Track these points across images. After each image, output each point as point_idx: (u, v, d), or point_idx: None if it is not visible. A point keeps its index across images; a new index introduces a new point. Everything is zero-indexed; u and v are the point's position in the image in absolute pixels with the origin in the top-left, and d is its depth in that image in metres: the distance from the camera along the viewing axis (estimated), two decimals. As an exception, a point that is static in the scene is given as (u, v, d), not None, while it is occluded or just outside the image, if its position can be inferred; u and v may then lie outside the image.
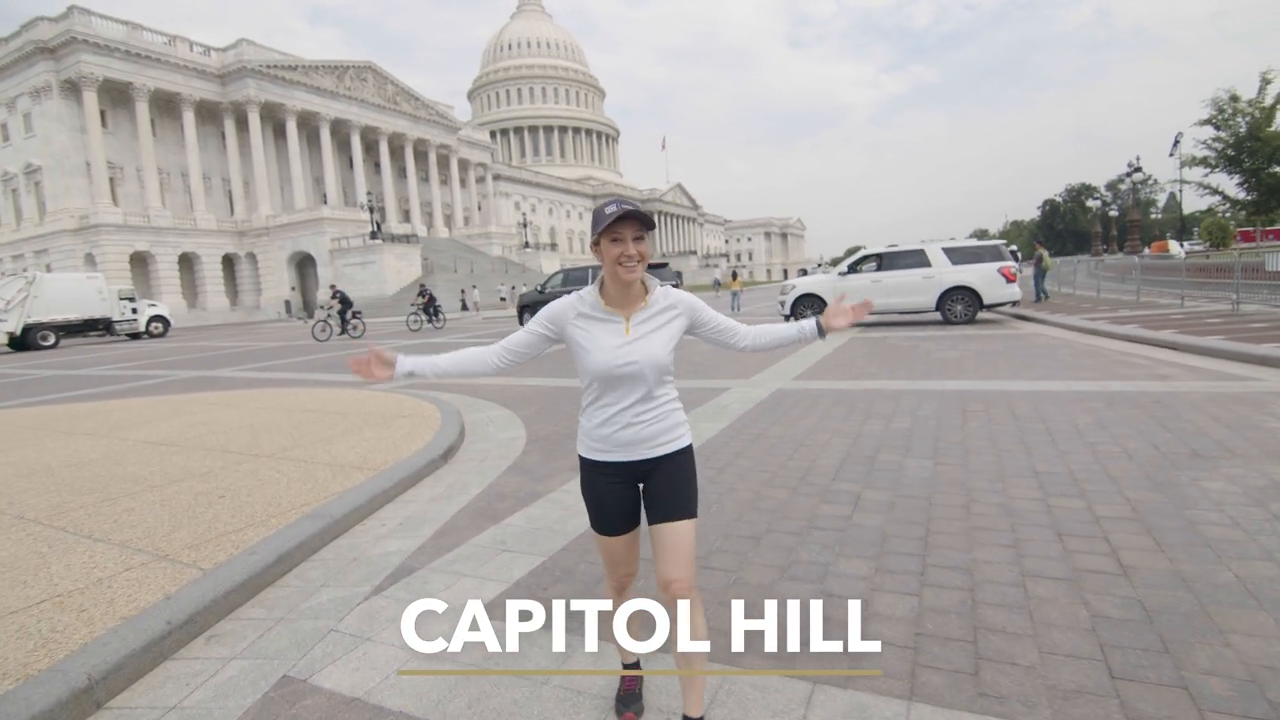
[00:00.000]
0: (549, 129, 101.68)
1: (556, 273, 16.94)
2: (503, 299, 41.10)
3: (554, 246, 71.49)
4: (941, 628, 2.33)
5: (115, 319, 30.85)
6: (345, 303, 20.93)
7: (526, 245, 65.19)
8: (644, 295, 1.81)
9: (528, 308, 18.88)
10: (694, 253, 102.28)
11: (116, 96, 44.18)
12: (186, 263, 47.46)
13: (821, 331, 1.95)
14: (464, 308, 38.40)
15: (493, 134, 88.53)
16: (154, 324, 32.35)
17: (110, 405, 8.46)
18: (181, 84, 46.19)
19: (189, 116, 46.92)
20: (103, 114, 43.34)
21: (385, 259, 45.65)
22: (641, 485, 1.86)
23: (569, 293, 1.94)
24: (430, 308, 23.92)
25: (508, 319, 28.43)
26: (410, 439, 5.43)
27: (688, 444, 1.87)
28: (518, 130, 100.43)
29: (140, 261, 44.61)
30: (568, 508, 3.79)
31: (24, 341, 26.34)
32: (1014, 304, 13.66)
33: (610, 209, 1.67)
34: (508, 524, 3.62)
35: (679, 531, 1.79)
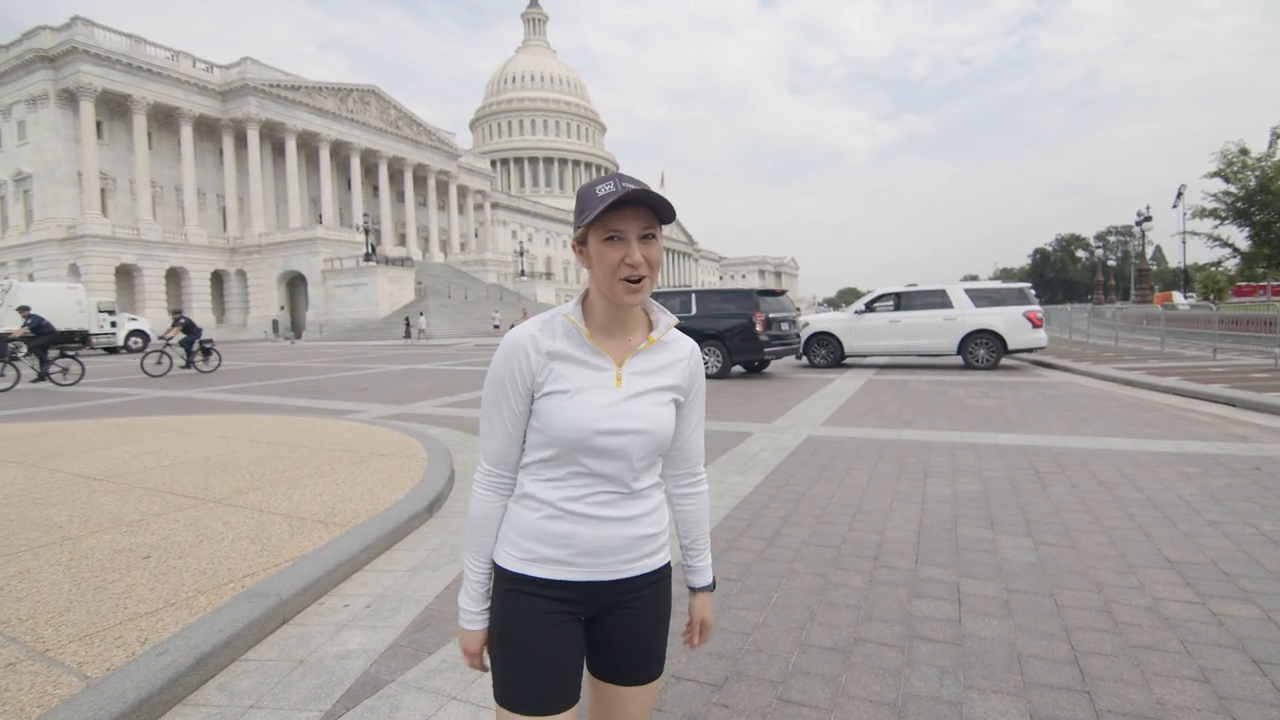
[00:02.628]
0: (549, 160, 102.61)
1: (680, 292, 12.49)
2: (495, 326, 40.46)
3: (549, 275, 71.22)
4: (1178, 838, 1.54)
5: (93, 332, 29.83)
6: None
7: (522, 273, 64.82)
8: (646, 329, 1.18)
9: None
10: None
11: (114, 108, 43.77)
12: (174, 277, 46.53)
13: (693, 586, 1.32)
14: (407, 335, 36.67)
15: (493, 163, 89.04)
16: (133, 338, 31.37)
17: (52, 427, 7.54)
18: (182, 99, 45.90)
19: (187, 131, 46.51)
20: (99, 125, 42.86)
21: (378, 281, 44.94)
22: (587, 623, 1.19)
23: (712, 327, 1.18)
24: (191, 342, 16.26)
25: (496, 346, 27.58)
26: (390, 485, 4.61)
27: (669, 560, 1.23)
28: (518, 160, 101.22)
29: (126, 274, 43.66)
30: (585, 589, 2.98)
31: (-6, 351, 25.21)
32: (1032, 350, 13.04)
33: (605, 187, 1.04)
34: (509, 611, 2.80)
35: (643, 701, 1.20)
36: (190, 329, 16.31)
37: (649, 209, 1.06)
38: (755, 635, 2.52)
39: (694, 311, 11.96)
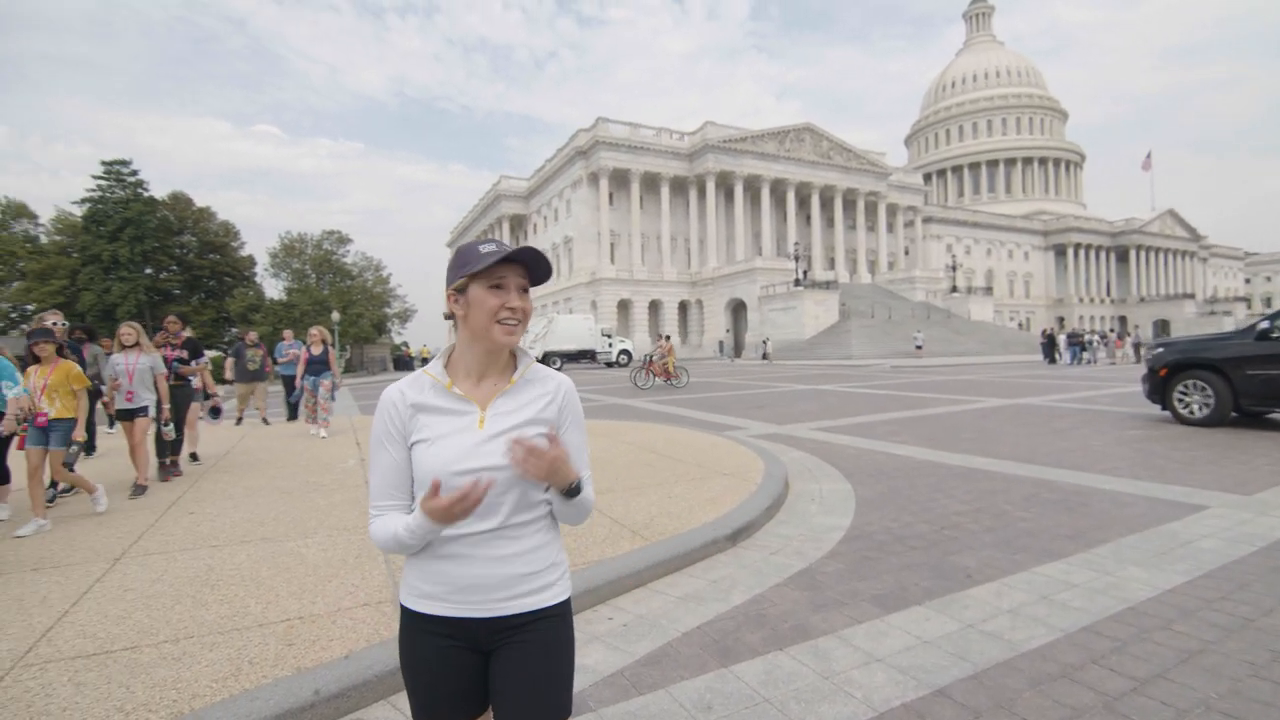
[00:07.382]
0: (992, 163, 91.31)
1: None
2: (918, 347, 37.83)
3: (989, 290, 62.54)
4: None
5: (598, 350, 39.40)
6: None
7: (954, 289, 58.98)
8: (509, 370, 1.31)
9: (1184, 368, 9.07)
10: (1190, 295, 77.02)
11: (618, 181, 57.23)
12: (655, 308, 57.85)
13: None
14: (764, 357, 40.61)
15: (928, 176, 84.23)
16: (621, 356, 40.19)
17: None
18: (661, 165, 57.04)
19: (665, 191, 57.52)
20: (610, 195, 56.72)
21: (805, 305, 47.00)
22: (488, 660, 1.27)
23: None
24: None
25: (915, 369, 25.45)
26: (713, 505, 4.81)
27: (562, 600, 1.29)
28: (955, 169, 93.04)
29: (624, 307, 56.34)
30: (833, 673, 2.57)
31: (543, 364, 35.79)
32: None
33: (488, 246, 1.25)
34: (736, 673, 2.62)
35: None
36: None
37: (525, 268, 1.26)
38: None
39: None
